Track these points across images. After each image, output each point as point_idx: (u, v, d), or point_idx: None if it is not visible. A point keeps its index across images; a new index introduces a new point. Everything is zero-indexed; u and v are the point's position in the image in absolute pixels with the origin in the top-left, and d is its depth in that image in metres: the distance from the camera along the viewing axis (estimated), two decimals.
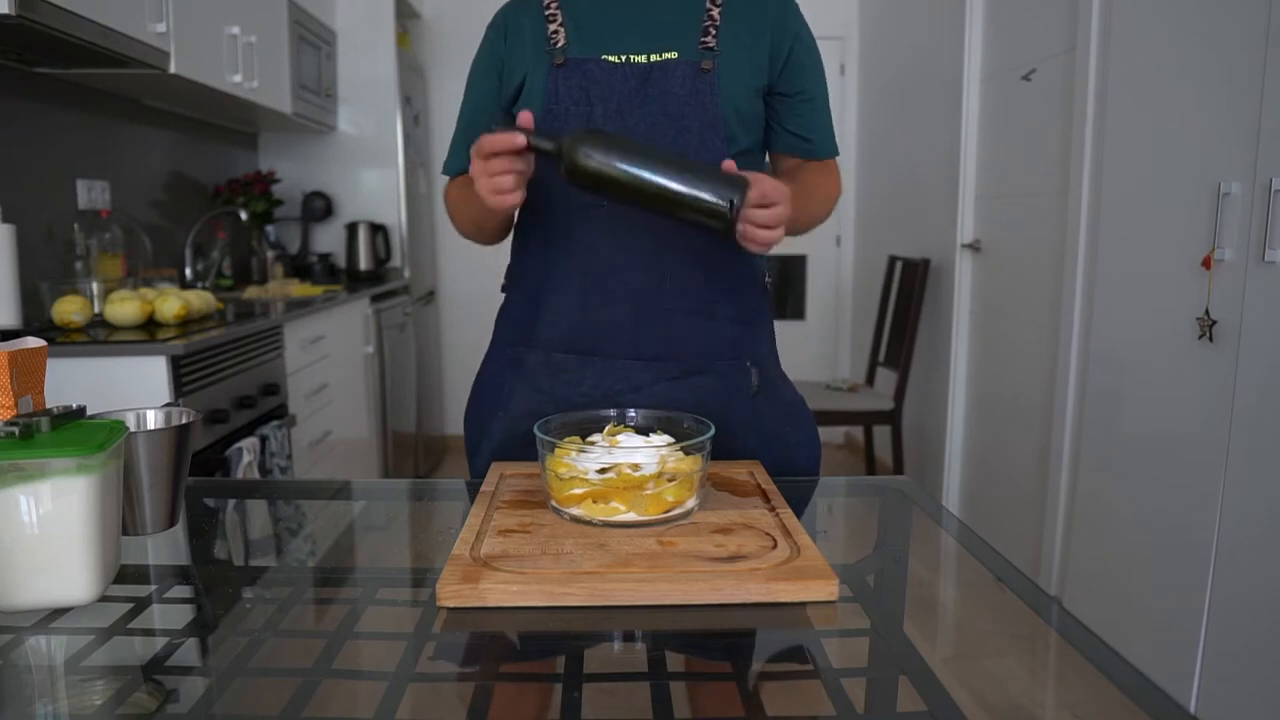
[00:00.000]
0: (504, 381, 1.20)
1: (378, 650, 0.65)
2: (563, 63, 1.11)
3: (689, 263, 1.12)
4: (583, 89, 1.10)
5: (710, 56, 1.10)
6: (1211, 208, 1.87)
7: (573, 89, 1.10)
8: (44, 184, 2.33)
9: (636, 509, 0.82)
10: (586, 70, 1.10)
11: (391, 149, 3.78)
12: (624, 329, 1.12)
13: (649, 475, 0.83)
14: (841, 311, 4.66)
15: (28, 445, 0.66)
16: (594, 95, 1.10)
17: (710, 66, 1.09)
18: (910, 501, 1.01)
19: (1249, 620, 1.77)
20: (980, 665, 0.64)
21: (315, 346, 2.71)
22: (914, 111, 3.72)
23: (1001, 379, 3.03)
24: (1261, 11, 1.73)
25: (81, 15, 1.84)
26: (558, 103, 1.11)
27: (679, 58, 1.10)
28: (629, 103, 1.10)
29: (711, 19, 1.11)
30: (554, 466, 0.85)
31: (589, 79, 1.10)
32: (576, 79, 1.10)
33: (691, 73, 1.09)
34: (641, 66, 1.10)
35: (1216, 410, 1.86)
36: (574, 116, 1.10)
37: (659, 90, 1.09)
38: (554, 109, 1.11)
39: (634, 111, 1.10)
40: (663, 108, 1.09)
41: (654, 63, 1.10)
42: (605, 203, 1.09)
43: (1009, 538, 2.89)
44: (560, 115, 1.10)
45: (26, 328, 1.98)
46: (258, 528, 0.99)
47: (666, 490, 0.83)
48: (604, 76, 1.10)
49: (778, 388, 1.21)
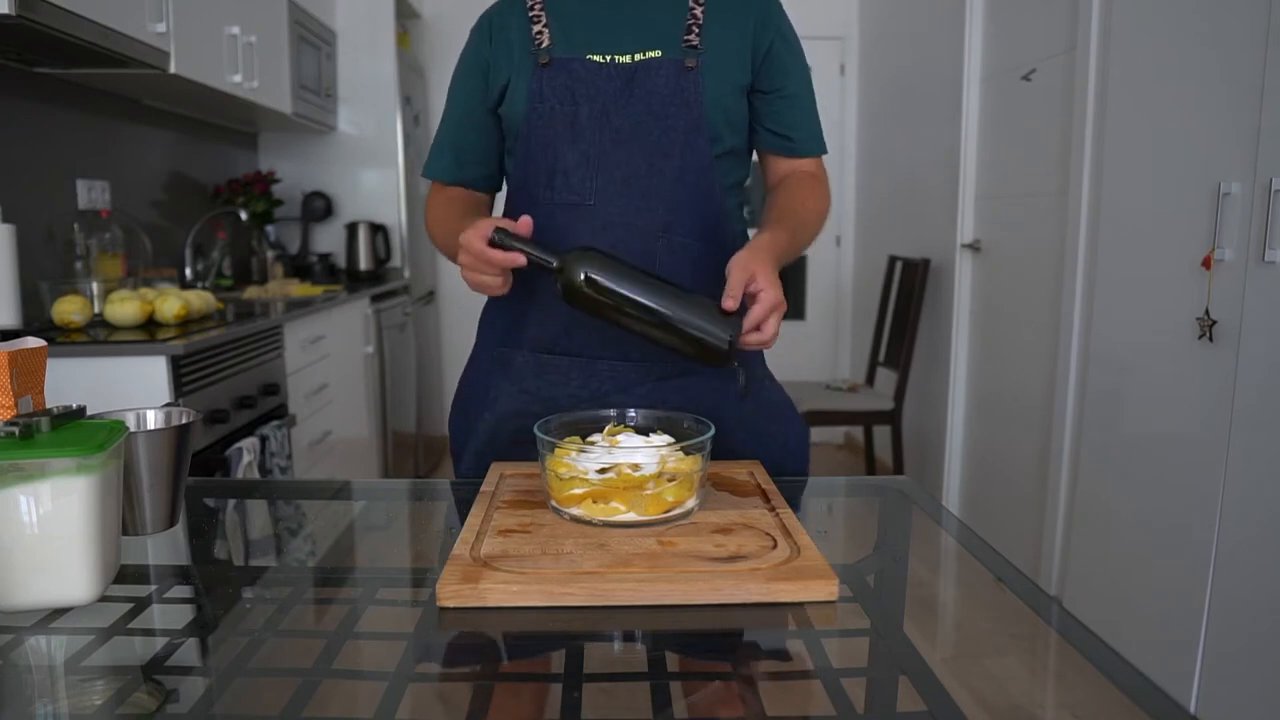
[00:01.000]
0: (490, 383, 1.20)
1: (378, 650, 0.65)
2: (548, 63, 1.10)
3: (677, 263, 1.12)
4: (568, 89, 1.10)
5: (694, 54, 1.10)
6: (1211, 208, 1.87)
7: (558, 89, 1.10)
8: (44, 184, 2.33)
9: (637, 509, 0.82)
10: (572, 70, 1.10)
11: (391, 149, 3.78)
12: (611, 329, 1.12)
13: (649, 475, 0.83)
14: (841, 311, 4.66)
15: (28, 445, 0.66)
16: (579, 95, 1.10)
17: (694, 65, 1.09)
18: (910, 501, 1.01)
19: (1249, 620, 1.77)
20: (980, 665, 0.64)
21: (315, 346, 2.71)
22: (914, 111, 3.72)
23: (1001, 379, 3.03)
24: (1261, 11, 1.73)
25: (81, 15, 1.84)
26: (543, 102, 1.10)
27: (663, 56, 1.09)
28: (614, 103, 1.10)
29: (695, 17, 1.11)
30: (554, 466, 0.85)
31: (574, 79, 1.10)
32: (562, 79, 1.10)
33: (676, 71, 1.09)
34: (626, 66, 1.10)
35: (1216, 410, 1.86)
36: (559, 116, 1.10)
37: (644, 90, 1.09)
38: (539, 109, 1.11)
39: (619, 112, 1.10)
40: (648, 107, 1.09)
41: (638, 62, 1.10)
42: (593, 204, 1.10)
43: (1009, 538, 2.89)
44: (545, 115, 1.10)
45: (26, 328, 1.98)
46: (258, 528, 0.99)
47: (666, 490, 0.83)
48: (589, 76, 1.10)
49: (765, 388, 1.21)
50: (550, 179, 1.12)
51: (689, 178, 1.11)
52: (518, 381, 1.16)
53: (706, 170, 1.12)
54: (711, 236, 1.14)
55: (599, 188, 1.11)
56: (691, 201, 1.12)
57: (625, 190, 1.10)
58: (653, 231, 1.11)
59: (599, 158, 1.10)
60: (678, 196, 1.11)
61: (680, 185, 1.11)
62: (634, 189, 1.10)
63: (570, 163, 1.11)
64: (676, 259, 1.12)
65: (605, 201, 1.10)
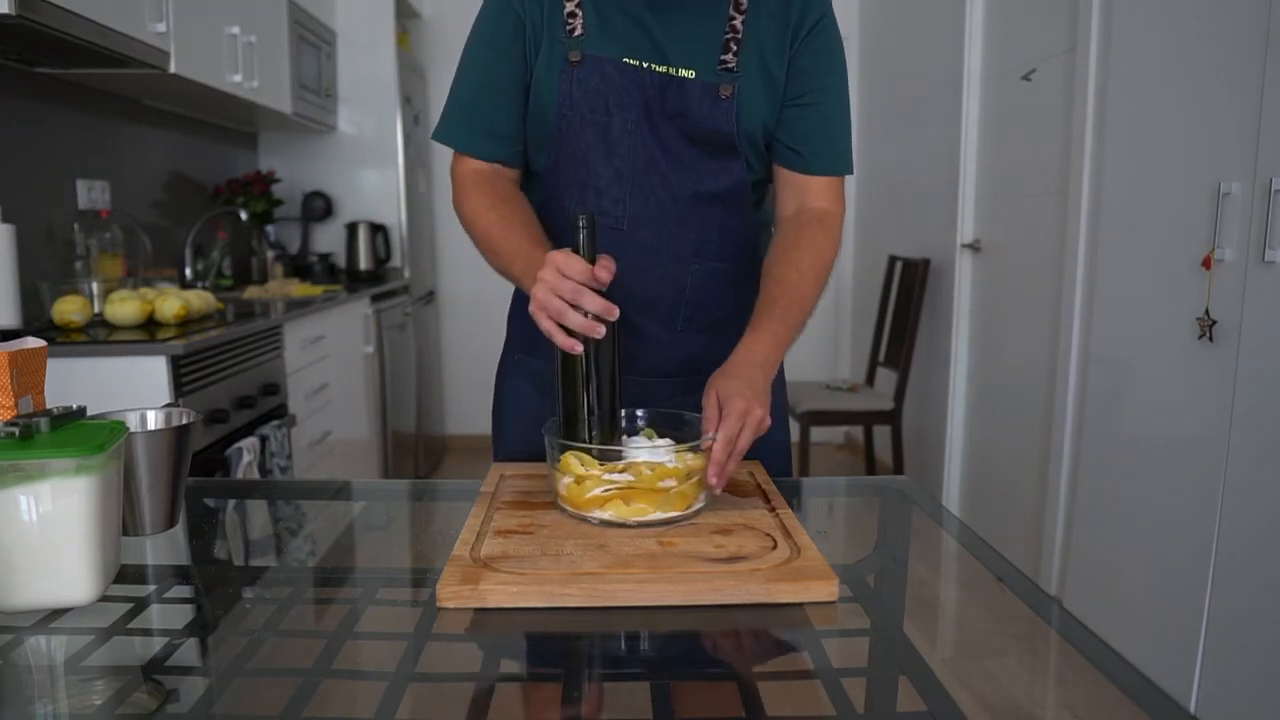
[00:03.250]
0: (518, 386, 1.19)
1: (378, 650, 0.65)
2: (579, 60, 1.03)
3: (707, 288, 1.10)
4: (600, 94, 1.03)
5: (729, 80, 1.03)
6: (1211, 208, 1.87)
7: (589, 93, 1.03)
8: (44, 184, 2.33)
9: (663, 508, 0.83)
10: (605, 72, 1.02)
11: (391, 149, 3.77)
12: (636, 346, 1.10)
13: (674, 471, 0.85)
14: (841, 311, 4.65)
15: (28, 445, 0.66)
16: (612, 103, 1.03)
17: (729, 94, 1.03)
18: (910, 501, 1.01)
19: (1249, 620, 1.77)
20: (980, 665, 0.64)
21: (315, 346, 2.71)
22: (914, 111, 3.72)
23: (1001, 379, 3.03)
24: (1261, 12, 1.73)
25: (81, 15, 1.84)
26: (573, 109, 1.04)
27: (696, 77, 1.03)
28: (647, 116, 1.03)
29: (734, 29, 1.04)
30: (571, 471, 0.86)
31: (607, 83, 1.02)
32: (594, 81, 1.02)
33: (709, 98, 1.03)
34: (660, 77, 1.03)
35: (1216, 410, 1.86)
36: (590, 124, 1.04)
37: (676, 108, 1.03)
38: (569, 116, 1.04)
39: (652, 127, 1.03)
40: (680, 127, 1.04)
41: (672, 76, 1.03)
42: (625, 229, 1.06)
43: (1009, 538, 2.89)
44: (576, 124, 1.04)
45: (26, 328, 1.98)
46: (258, 528, 0.99)
47: (687, 487, 0.85)
48: (623, 82, 1.02)
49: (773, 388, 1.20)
50: (581, 193, 1.07)
51: (721, 203, 1.08)
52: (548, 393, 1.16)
53: (739, 195, 1.09)
54: (742, 256, 1.12)
55: (633, 212, 1.06)
56: (723, 227, 1.09)
57: (659, 215, 1.06)
58: (685, 257, 1.08)
59: (632, 176, 1.05)
60: (709, 221, 1.08)
61: (712, 210, 1.08)
62: (667, 213, 1.06)
63: (603, 179, 1.05)
64: (707, 284, 1.10)
65: (638, 226, 1.07)
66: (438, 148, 4.33)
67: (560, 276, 0.87)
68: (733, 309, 1.12)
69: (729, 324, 1.12)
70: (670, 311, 1.11)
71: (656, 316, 1.11)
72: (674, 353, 1.13)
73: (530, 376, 1.19)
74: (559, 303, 0.86)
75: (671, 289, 1.10)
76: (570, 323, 0.87)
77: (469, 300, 4.37)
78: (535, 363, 1.17)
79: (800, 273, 1.05)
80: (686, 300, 1.11)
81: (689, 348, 1.13)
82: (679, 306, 1.11)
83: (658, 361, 1.11)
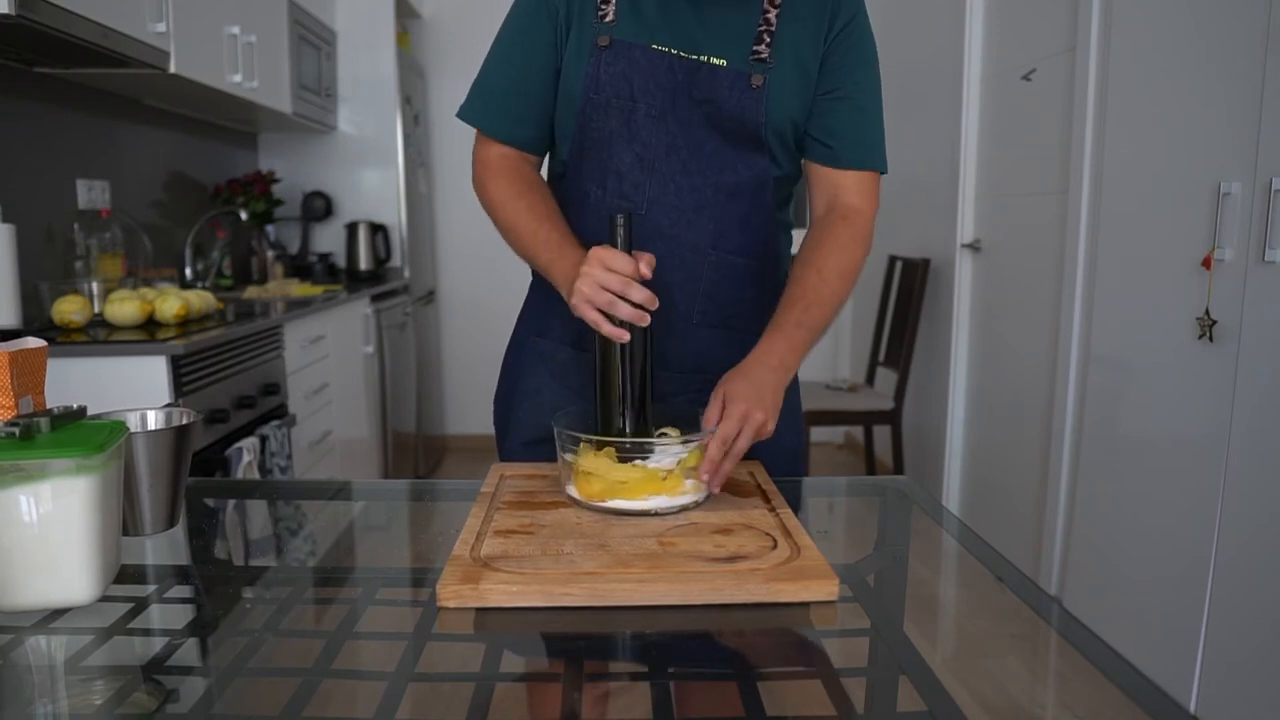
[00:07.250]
0: (530, 373, 1.19)
1: (378, 650, 0.65)
2: (608, 44, 1.03)
3: (723, 279, 1.10)
4: (626, 79, 1.03)
5: (761, 70, 1.03)
6: (1211, 207, 1.87)
7: (615, 77, 1.03)
8: (44, 184, 2.33)
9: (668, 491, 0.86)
10: (632, 58, 1.02)
11: (391, 149, 3.77)
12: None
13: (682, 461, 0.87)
14: (841, 311, 4.65)
15: (28, 445, 0.66)
16: (638, 89, 1.03)
17: (760, 84, 1.03)
18: (910, 501, 1.01)
19: (1249, 620, 1.77)
20: (980, 665, 0.64)
21: (315, 346, 2.71)
22: (914, 111, 3.72)
23: (1001, 379, 3.03)
24: (1261, 12, 1.73)
25: (81, 15, 1.84)
26: (599, 94, 1.04)
27: (728, 66, 1.03)
28: (671, 103, 1.03)
29: (768, 22, 1.03)
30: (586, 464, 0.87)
31: (634, 68, 1.02)
32: (620, 66, 1.02)
33: (740, 87, 1.03)
34: (689, 64, 1.03)
35: (1216, 410, 1.86)
36: (614, 111, 1.04)
37: (704, 96, 1.03)
38: (595, 100, 1.04)
39: (676, 115, 1.03)
40: (705, 116, 1.04)
41: (701, 64, 1.03)
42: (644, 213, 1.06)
43: (1009, 538, 2.89)
44: (602, 108, 1.04)
45: (26, 328, 1.98)
46: (258, 528, 0.99)
47: (678, 471, 0.87)
48: (650, 68, 1.02)
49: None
50: (603, 179, 1.07)
51: (743, 195, 1.08)
52: (561, 378, 1.15)
53: (761, 190, 1.08)
54: (759, 252, 1.12)
55: (652, 197, 1.06)
56: (743, 218, 1.09)
57: (678, 202, 1.06)
58: (703, 247, 1.08)
59: (653, 162, 1.05)
60: (729, 213, 1.08)
61: (733, 202, 1.07)
62: (687, 201, 1.06)
63: (625, 164, 1.06)
64: (724, 276, 1.10)
65: (657, 212, 1.07)
66: (438, 148, 4.35)
67: (606, 271, 0.91)
68: (748, 307, 1.12)
69: (743, 323, 1.12)
70: (686, 302, 1.11)
71: (672, 306, 1.10)
72: (686, 347, 1.12)
73: (543, 359, 1.18)
74: (607, 295, 0.91)
75: (688, 278, 1.10)
76: (621, 313, 0.91)
77: (469, 300, 4.37)
78: (548, 345, 1.17)
79: (822, 276, 1.06)
80: (702, 292, 1.11)
81: (701, 344, 1.13)
82: (695, 298, 1.11)
83: (668, 354, 1.11)
